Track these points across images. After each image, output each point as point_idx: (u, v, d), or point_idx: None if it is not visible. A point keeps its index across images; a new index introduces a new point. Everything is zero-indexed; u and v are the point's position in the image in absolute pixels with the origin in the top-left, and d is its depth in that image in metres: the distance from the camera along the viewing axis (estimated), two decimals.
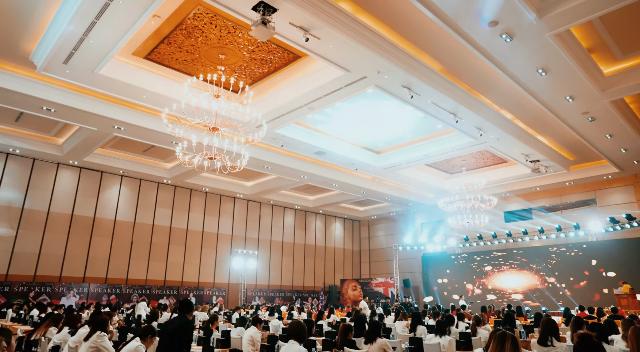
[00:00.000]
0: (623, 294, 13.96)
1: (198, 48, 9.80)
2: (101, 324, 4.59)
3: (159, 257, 18.16)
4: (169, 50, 9.91)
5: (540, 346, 4.30)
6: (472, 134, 12.86)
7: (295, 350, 3.64)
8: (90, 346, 4.45)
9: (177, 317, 4.07)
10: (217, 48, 9.80)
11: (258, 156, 14.77)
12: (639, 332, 3.02)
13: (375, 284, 22.49)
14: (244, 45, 9.72)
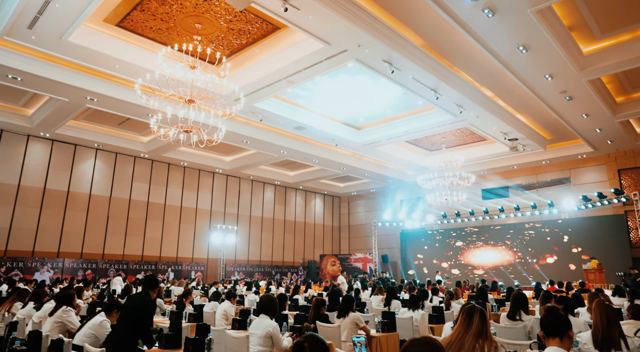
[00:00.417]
0: (591, 269, 14.45)
1: (173, 16, 9.41)
2: (67, 298, 4.48)
3: (136, 232, 17.94)
4: (142, 17, 9.49)
5: (509, 320, 4.38)
6: (452, 111, 12.85)
7: (265, 324, 3.61)
8: (55, 321, 4.35)
9: (138, 293, 3.96)
10: (193, 17, 9.43)
11: (237, 130, 14.54)
12: (602, 305, 3.08)
13: (354, 259, 22.78)
14: (221, 15, 9.37)
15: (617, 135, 14.82)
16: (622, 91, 12.81)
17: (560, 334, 2.28)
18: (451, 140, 16.95)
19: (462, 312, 2.78)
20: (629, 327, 3.64)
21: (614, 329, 2.99)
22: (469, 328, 2.68)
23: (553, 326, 2.30)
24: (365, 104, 13.75)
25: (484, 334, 2.67)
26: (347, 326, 4.46)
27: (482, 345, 2.61)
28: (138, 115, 13.05)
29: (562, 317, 2.32)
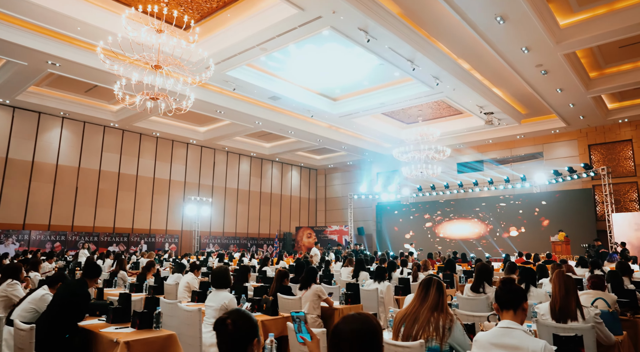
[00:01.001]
0: (558, 241, 14.87)
1: None
2: (12, 271, 4.25)
3: (107, 203, 17.51)
4: None
5: (472, 292, 4.39)
6: (428, 83, 12.71)
7: (221, 297, 3.50)
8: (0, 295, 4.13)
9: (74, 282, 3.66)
10: None
11: (210, 100, 14.14)
12: (561, 276, 3.08)
13: (330, 232, 22.91)
14: None
15: (589, 111, 15.01)
16: (596, 66, 12.88)
17: (514, 306, 2.19)
18: (428, 113, 16.89)
19: (419, 284, 2.71)
20: (587, 297, 3.68)
21: (572, 300, 2.98)
22: (425, 301, 2.62)
23: (507, 298, 2.22)
24: (341, 75, 13.47)
25: (440, 307, 2.60)
26: (309, 298, 4.40)
27: (437, 318, 2.54)
28: (104, 82, 12.46)
29: (517, 289, 2.24)
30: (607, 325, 2.94)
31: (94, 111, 16.01)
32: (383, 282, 5.20)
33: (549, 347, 1.92)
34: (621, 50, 11.93)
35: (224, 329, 1.71)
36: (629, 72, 12.74)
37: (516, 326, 2.10)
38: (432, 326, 2.51)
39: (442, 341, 2.45)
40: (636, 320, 3.69)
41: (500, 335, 2.09)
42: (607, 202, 15.58)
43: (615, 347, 2.92)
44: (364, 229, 22.62)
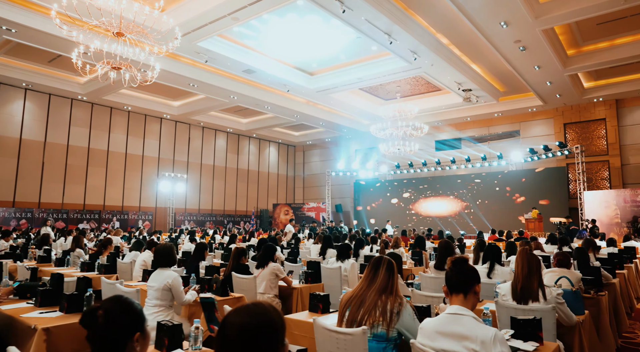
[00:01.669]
0: (531, 218, 15.05)
1: None
2: None
3: (76, 179, 16.94)
4: None
5: (436, 270, 4.25)
6: (406, 57, 12.43)
7: (164, 276, 3.26)
8: None
9: None
10: None
11: (181, 72, 13.63)
12: (524, 254, 2.94)
13: (308, 209, 22.80)
14: None
15: (565, 89, 15.02)
16: (573, 44, 12.79)
17: (464, 289, 1.97)
18: (406, 89, 16.66)
19: (368, 264, 2.52)
20: (552, 275, 3.58)
21: (534, 280, 2.84)
22: (373, 282, 2.40)
23: (457, 280, 1.99)
24: (317, 48, 13.07)
25: (389, 289, 2.38)
26: (265, 277, 4.20)
27: (385, 301, 2.32)
28: (64, 50, 11.75)
29: (468, 270, 2.03)
30: (569, 305, 2.84)
31: (59, 83, 15.27)
32: (347, 260, 5.04)
33: (500, 336, 1.73)
34: (599, 27, 11.84)
35: (93, 321, 1.37)
36: (606, 50, 12.70)
37: (465, 312, 1.89)
38: (378, 310, 2.29)
39: (389, 327, 2.25)
40: (599, 298, 3.63)
41: (447, 322, 1.88)
42: (579, 181, 15.79)
43: (576, 327, 2.80)
44: (341, 206, 22.58)
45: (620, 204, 14.72)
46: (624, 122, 16.29)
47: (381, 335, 2.25)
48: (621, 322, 4.53)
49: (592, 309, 3.54)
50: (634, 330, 4.97)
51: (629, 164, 16.09)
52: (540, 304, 2.74)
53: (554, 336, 2.54)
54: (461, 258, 2.07)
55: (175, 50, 12.49)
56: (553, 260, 3.78)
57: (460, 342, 1.79)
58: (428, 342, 1.88)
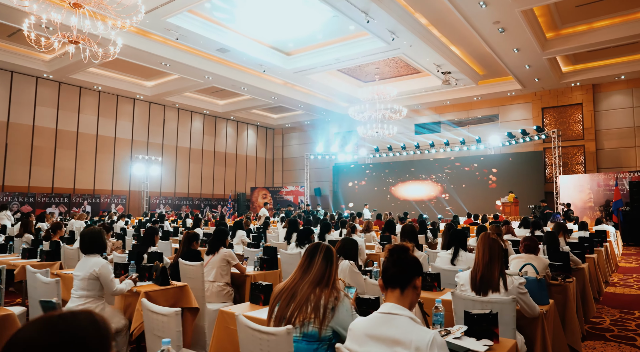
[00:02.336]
0: (508, 202, 15.09)
1: None
2: None
3: (43, 162, 16.28)
4: None
5: None
6: (384, 38, 12.13)
7: (90, 264, 2.96)
8: None
9: None
10: None
11: (152, 50, 13.09)
12: (486, 240, 2.67)
13: (286, 192, 22.55)
14: None
15: (544, 73, 14.96)
16: (552, 26, 12.67)
17: (402, 283, 1.64)
18: (385, 71, 16.38)
19: (304, 252, 2.23)
20: (518, 262, 3.43)
21: (495, 268, 2.59)
22: (307, 273, 2.08)
23: (393, 272, 1.66)
24: (293, 27, 12.64)
25: (325, 281, 2.06)
26: (216, 264, 3.92)
27: (319, 295, 2.00)
28: (17, 22, 10.95)
29: (407, 260, 1.68)
30: (533, 294, 2.63)
31: (22, 60, 14.51)
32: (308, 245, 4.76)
33: (439, 341, 1.46)
34: (578, 9, 11.72)
35: None
36: (584, 33, 12.62)
37: (401, 311, 1.57)
38: (310, 306, 1.97)
39: (322, 325, 1.94)
40: (567, 285, 3.49)
41: (379, 323, 1.57)
42: (555, 165, 15.87)
43: (539, 319, 2.58)
44: (320, 189, 22.37)
45: (593, 188, 14.87)
46: (599, 107, 16.38)
47: (312, 334, 1.95)
48: (589, 308, 4.44)
49: (558, 297, 3.40)
50: (601, 315, 4.91)
51: (603, 148, 16.24)
52: (501, 295, 2.51)
53: (513, 330, 2.35)
54: (400, 246, 1.73)
55: (143, 27, 11.99)
56: (520, 245, 3.62)
57: (392, 348, 1.50)
58: (355, 348, 1.60)
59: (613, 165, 15.91)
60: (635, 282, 7.11)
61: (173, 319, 2.02)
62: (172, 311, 1.93)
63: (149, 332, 2.13)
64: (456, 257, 3.67)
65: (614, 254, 8.23)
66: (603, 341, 3.94)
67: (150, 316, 2.10)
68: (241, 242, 6.31)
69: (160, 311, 2.03)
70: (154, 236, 4.29)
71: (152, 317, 2.09)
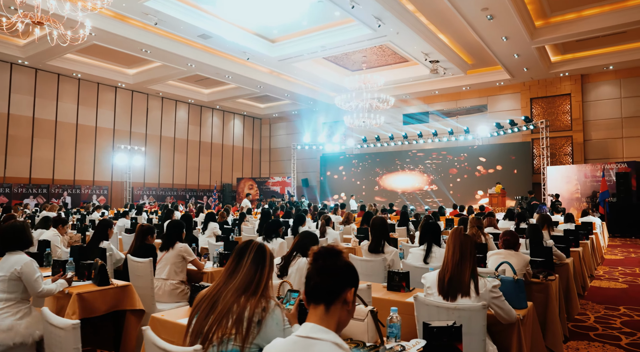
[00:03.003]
0: (495, 193, 14.95)
1: None
2: None
3: (20, 151, 15.77)
4: None
5: (370, 253, 3.71)
6: (370, 24, 11.78)
7: (11, 263, 2.63)
8: None
9: None
10: None
11: (130, 36, 12.66)
12: (457, 235, 2.37)
13: (273, 183, 22.23)
14: None
15: (532, 62, 14.75)
16: (541, 14, 12.42)
17: (327, 298, 1.30)
18: (372, 60, 16.05)
19: (233, 251, 1.84)
20: (497, 258, 3.18)
21: (466, 269, 2.27)
22: (232, 278, 1.73)
23: (315, 284, 1.32)
24: (277, 12, 12.23)
25: (254, 288, 1.70)
26: (170, 260, 3.60)
27: (244, 305, 1.65)
28: None
29: (335, 268, 1.33)
30: (509, 297, 2.35)
31: None
32: (276, 239, 4.49)
33: None
34: None
35: None
36: (573, 22, 12.39)
37: (323, 335, 1.23)
38: (232, 318, 1.62)
39: (244, 342, 1.58)
40: (549, 283, 3.25)
41: (295, 350, 1.23)
42: (543, 156, 15.75)
43: (515, 325, 2.28)
44: (308, 180, 22.09)
45: (581, 179, 14.78)
46: (588, 98, 16.25)
47: None
48: (572, 305, 4.23)
49: (539, 296, 3.17)
50: (586, 311, 4.72)
51: (590, 139, 16.14)
52: (471, 300, 2.21)
53: (483, 342, 2.07)
54: (329, 248, 1.38)
55: (120, 11, 11.54)
56: (499, 241, 3.37)
57: None
58: None
59: (600, 157, 15.83)
60: (621, 275, 6.96)
61: (70, 333, 1.70)
62: (69, 324, 1.63)
63: (48, 348, 1.83)
64: (429, 254, 3.38)
65: (599, 246, 8.09)
66: (587, 341, 3.74)
67: (48, 328, 1.79)
68: (213, 235, 6.02)
69: (58, 324, 1.71)
70: (106, 230, 3.98)
71: (50, 330, 1.78)
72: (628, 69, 15.43)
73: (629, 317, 4.52)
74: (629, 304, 5.10)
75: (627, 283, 6.36)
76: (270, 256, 1.81)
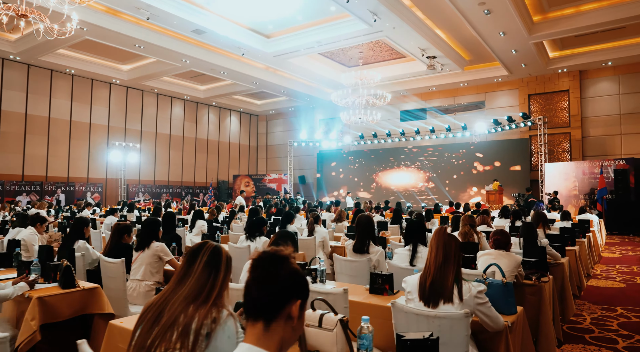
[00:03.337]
0: (492, 190, 14.81)
1: None
2: None
3: (12, 148, 15.59)
4: None
5: (354, 254, 3.55)
6: (366, 19, 11.61)
7: None
8: None
9: None
10: None
11: (123, 31, 12.49)
12: (441, 236, 2.18)
13: (269, 180, 22.08)
14: None
15: (530, 58, 14.59)
16: (539, 9, 12.26)
17: (265, 314, 1.11)
18: (369, 55, 15.88)
19: (185, 254, 1.67)
20: (487, 259, 3.03)
21: (449, 272, 2.09)
22: (182, 284, 1.55)
23: (253, 298, 1.13)
24: (272, 7, 12.05)
25: (205, 296, 1.52)
26: (145, 260, 3.44)
27: (192, 316, 1.46)
28: None
29: (275, 278, 1.14)
30: (497, 302, 2.21)
31: None
32: (259, 237, 4.32)
33: None
34: None
35: None
36: (572, 17, 12.23)
37: None
38: (177, 331, 1.43)
39: None
40: (542, 285, 3.11)
41: None
42: (541, 152, 15.61)
43: (503, 333, 2.10)
44: (305, 177, 21.93)
45: (579, 176, 14.64)
46: (586, 94, 16.10)
47: None
48: (567, 307, 4.09)
49: (532, 298, 3.03)
50: (582, 312, 4.58)
51: (589, 136, 16.00)
52: (454, 306, 2.03)
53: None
54: (272, 253, 1.18)
55: (112, 5, 11.38)
56: (490, 240, 3.22)
57: None
58: None
59: (598, 153, 15.69)
60: (618, 274, 6.84)
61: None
62: None
63: None
64: (415, 255, 3.22)
65: (597, 244, 7.96)
66: (582, 344, 3.60)
67: None
68: (201, 234, 5.88)
69: None
70: (82, 228, 3.82)
71: None
72: (627, 65, 15.28)
73: (626, 319, 4.38)
74: (627, 304, 4.96)
75: (625, 282, 6.23)
76: (227, 260, 1.64)
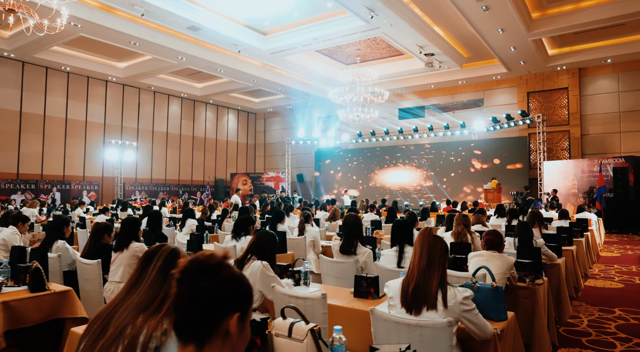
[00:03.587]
0: (490, 189, 14.69)
1: None
2: None
3: (7, 146, 15.47)
4: None
5: (341, 254, 3.42)
6: (363, 16, 11.48)
7: None
8: None
9: None
10: None
11: (118, 28, 12.37)
12: (426, 237, 2.05)
13: (267, 178, 21.96)
14: None
15: (529, 56, 14.46)
16: (538, 6, 12.13)
17: (197, 334, 0.93)
18: (367, 53, 15.75)
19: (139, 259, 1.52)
20: (479, 260, 2.92)
21: (434, 276, 1.95)
22: (133, 291, 1.40)
23: (181, 316, 0.94)
24: (268, 4, 11.92)
25: (157, 305, 1.36)
26: (124, 261, 3.30)
27: (140, 327, 1.31)
28: None
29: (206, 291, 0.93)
30: (486, 308, 2.08)
31: None
32: (245, 237, 4.22)
33: None
34: None
35: None
36: (571, 13, 12.09)
37: None
38: (122, 345, 1.29)
39: None
40: (536, 288, 2.99)
41: None
42: (540, 151, 15.49)
43: (492, 341, 1.97)
44: (303, 176, 21.81)
45: (577, 174, 14.53)
46: (585, 92, 15.97)
47: None
48: (564, 309, 3.98)
49: (526, 302, 2.92)
50: (579, 313, 4.47)
51: (588, 134, 15.88)
52: (438, 313, 1.90)
53: None
54: (201, 261, 0.96)
55: (105, 1, 11.24)
56: (482, 241, 3.11)
57: None
58: None
59: (598, 151, 15.57)
60: (617, 274, 6.73)
61: None
62: None
63: None
64: (402, 256, 3.10)
65: (595, 243, 7.85)
66: (578, 348, 3.48)
67: None
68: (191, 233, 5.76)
69: None
70: (62, 228, 3.70)
71: None
72: (626, 63, 15.15)
73: (625, 321, 4.27)
74: (625, 305, 4.85)
75: (623, 282, 6.12)
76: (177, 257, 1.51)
